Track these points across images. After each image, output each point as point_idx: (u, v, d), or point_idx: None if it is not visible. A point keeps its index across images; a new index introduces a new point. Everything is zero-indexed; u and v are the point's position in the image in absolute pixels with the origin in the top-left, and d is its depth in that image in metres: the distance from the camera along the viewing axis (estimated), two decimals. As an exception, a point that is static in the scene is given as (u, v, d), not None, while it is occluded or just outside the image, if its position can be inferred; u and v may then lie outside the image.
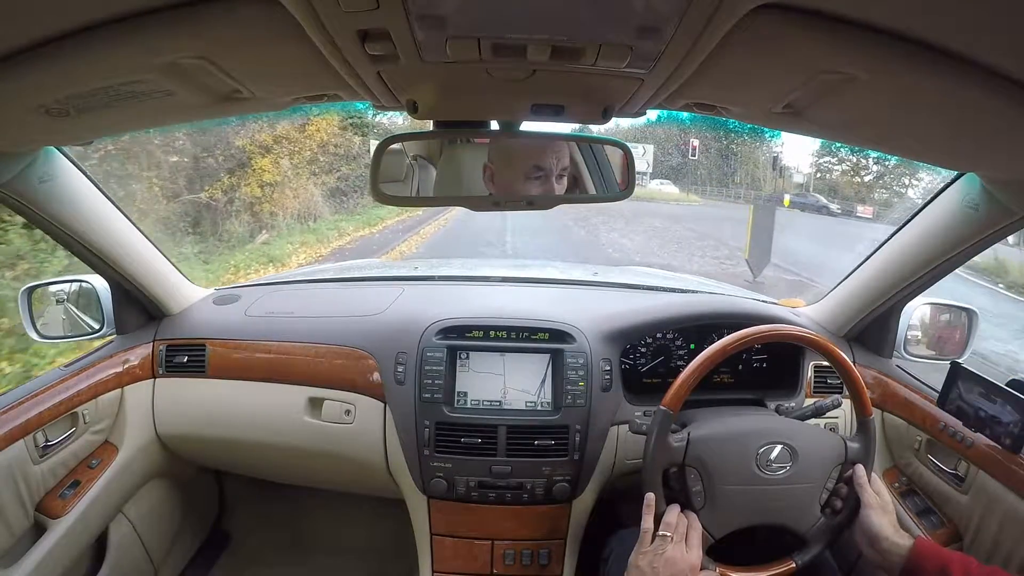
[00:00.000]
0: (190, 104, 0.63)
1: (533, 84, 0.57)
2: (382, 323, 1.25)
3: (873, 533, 0.84)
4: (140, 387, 1.25)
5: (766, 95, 0.59)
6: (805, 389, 1.22)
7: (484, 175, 0.85)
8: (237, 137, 8.30)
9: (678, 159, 20.80)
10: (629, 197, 0.86)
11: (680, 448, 0.88)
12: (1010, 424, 0.89)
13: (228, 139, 8.18)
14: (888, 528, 0.84)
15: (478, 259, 2.34)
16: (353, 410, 1.20)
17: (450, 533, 1.14)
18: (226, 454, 1.36)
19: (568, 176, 0.86)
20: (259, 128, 8.61)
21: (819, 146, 19.71)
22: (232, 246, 7.59)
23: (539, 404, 1.13)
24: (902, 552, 0.81)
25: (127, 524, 1.27)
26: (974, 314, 1.21)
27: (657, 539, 0.83)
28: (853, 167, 20.03)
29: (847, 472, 0.91)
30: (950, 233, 0.95)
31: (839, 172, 20.48)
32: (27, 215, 0.92)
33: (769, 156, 19.54)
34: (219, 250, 7.37)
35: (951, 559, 0.77)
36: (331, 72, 0.55)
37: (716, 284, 1.69)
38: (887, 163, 19.20)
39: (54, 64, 0.51)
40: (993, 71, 0.47)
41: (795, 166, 20.55)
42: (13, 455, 0.98)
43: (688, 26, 0.43)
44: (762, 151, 20.60)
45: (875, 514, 0.85)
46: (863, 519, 0.86)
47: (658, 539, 0.83)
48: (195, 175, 7.48)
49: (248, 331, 1.28)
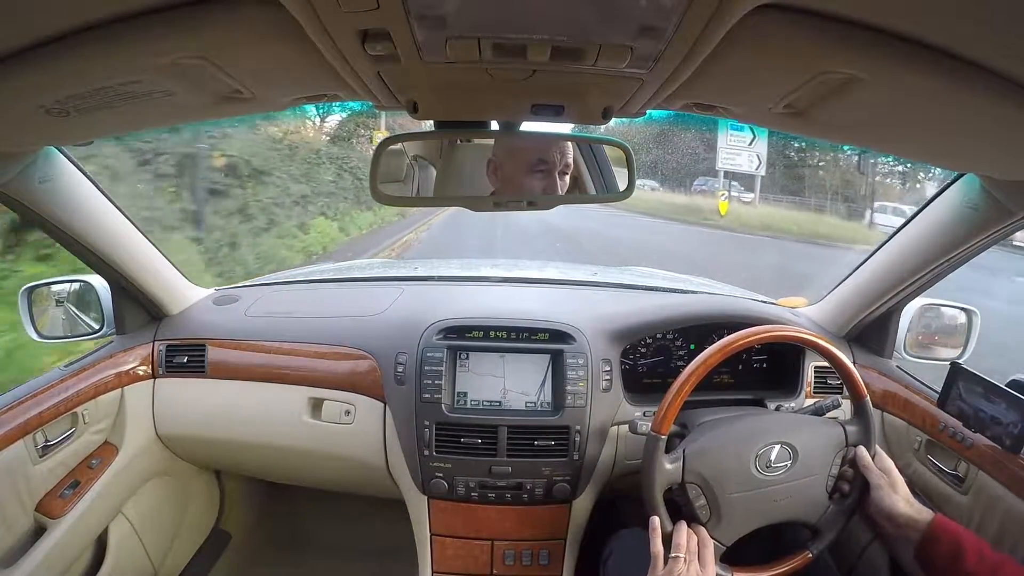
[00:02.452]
0: (190, 104, 0.63)
1: (533, 84, 0.57)
2: (382, 323, 1.25)
3: (887, 512, 0.85)
4: (140, 387, 1.25)
5: (766, 95, 0.59)
6: (805, 390, 1.22)
7: (488, 169, 0.85)
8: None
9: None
10: (629, 197, 0.86)
11: (677, 468, 0.88)
12: (1010, 424, 0.89)
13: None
14: (901, 504, 0.85)
15: (478, 259, 2.33)
16: (353, 410, 1.20)
17: (450, 533, 1.14)
18: (226, 454, 1.36)
19: (569, 176, 0.86)
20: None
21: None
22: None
23: (539, 404, 1.13)
24: (919, 527, 0.81)
25: (127, 524, 1.27)
26: (974, 314, 1.21)
27: (670, 561, 0.82)
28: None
29: (850, 455, 0.91)
30: (950, 233, 0.95)
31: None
32: (27, 215, 0.92)
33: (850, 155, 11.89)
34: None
35: (967, 541, 0.77)
36: (331, 72, 0.55)
37: (716, 284, 1.69)
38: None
39: (54, 64, 0.50)
40: (993, 71, 0.47)
41: (892, 165, 11.55)
42: (13, 455, 0.97)
43: (688, 26, 0.43)
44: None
45: (885, 494, 0.86)
46: (875, 501, 0.86)
47: (671, 561, 0.82)
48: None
49: (248, 331, 1.28)
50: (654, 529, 0.85)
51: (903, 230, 1.07)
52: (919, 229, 1.03)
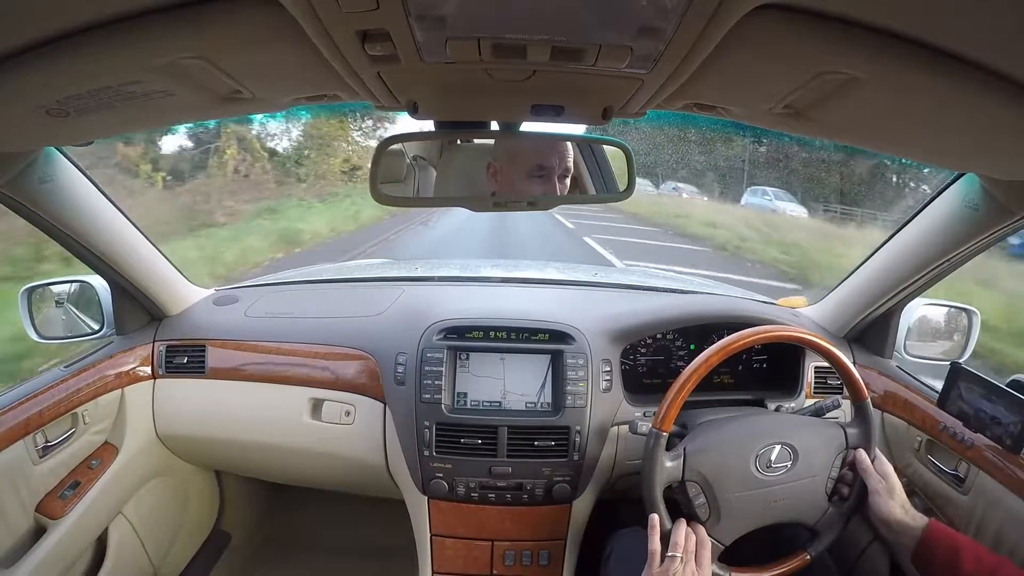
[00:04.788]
0: (190, 104, 0.63)
1: (533, 85, 0.57)
2: (382, 324, 1.25)
3: (883, 518, 0.85)
4: (140, 388, 1.25)
5: (766, 95, 0.59)
6: (805, 390, 1.22)
7: (488, 172, 0.85)
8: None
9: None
10: (629, 198, 0.86)
11: (677, 466, 0.88)
12: (1010, 424, 0.89)
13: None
14: (897, 510, 0.85)
15: (478, 260, 2.33)
16: (353, 411, 1.20)
17: (450, 534, 1.14)
18: (226, 455, 1.36)
19: (569, 178, 0.86)
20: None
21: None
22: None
23: (539, 405, 1.13)
24: (914, 534, 0.81)
25: (127, 524, 1.27)
26: (974, 314, 1.20)
27: (666, 560, 0.82)
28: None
29: (850, 458, 0.91)
30: (950, 233, 0.95)
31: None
32: (27, 215, 0.92)
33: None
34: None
35: (963, 544, 0.77)
36: (331, 72, 0.55)
37: (716, 285, 1.69)
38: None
39: (54, 64, 0.50)
40: (993, 71, 0.47)
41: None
42: (13, 455, 0.98)
43: (688, 26, 0.43)
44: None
45: (882, 499, 0.86)
46: (872, 505, 0.87)
47: (667, 560, 0.81)
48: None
49: (248, 332, 1.28)
50: (653, 526, 0.85)
51: (903, 230, 1.07)
52: (919, 229, 1.02)
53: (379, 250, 7.74)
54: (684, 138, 11.53)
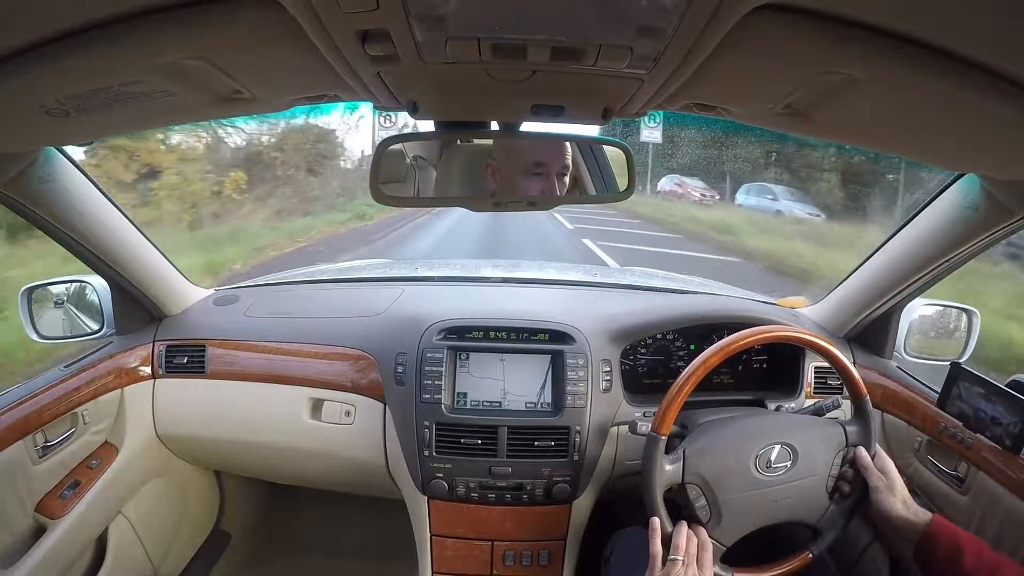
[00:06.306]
0: (190, 104, 0.63)
1: (533, 85, 0.57)
2: (382, 324, 1.25)
3: (884, 514, 0.85)
4: (140, 388, 1.25)
5: (766, 95, 0.59)
6: (805, 390, 1.22)
7: (487, 171, 0.85)
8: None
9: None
10: (629, 198, 0.86)
11: (677, 468, 0.88)
12: (1010, 424, 0.89)
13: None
14: (898, 507, 0.85)
15: (478, 260, 2.33)
16: (353, 411, 1.20)
17: (450, 534, 1.14)
18: (226, 455, 1.36)
19: (569, 177, 0.86)
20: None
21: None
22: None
23: (539, 405, 1.13)
24: (917, 529, 0.81)
25: (127, 524, 1.27)
26: (974, 314, 1.21)
27: (668, 564, 0.81)
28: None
29: (850, 456, 0.91)
30: (950, 234, 0.95)
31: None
32: (27, 215, 0.92)
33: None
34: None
35: (965, 541, 0.77)
36: (331, 72, 0.55)
37: (716, 285, 1.69)
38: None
39: (54, 64, 0.50)
40: (993, 72, 0.47)
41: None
42: (13, 455, 0.97)
43: (688, 26, 0.43)
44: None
45: (883, 495, 0.86)
46: (873, 502, 0.87)
47: (668, 563, 0.81)
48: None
49: (248, 332, 1.28)
50: (654, 530, 0.85)
51: (903, 230, 1.07)
52: (919, 229, 1.02)
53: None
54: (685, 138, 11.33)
